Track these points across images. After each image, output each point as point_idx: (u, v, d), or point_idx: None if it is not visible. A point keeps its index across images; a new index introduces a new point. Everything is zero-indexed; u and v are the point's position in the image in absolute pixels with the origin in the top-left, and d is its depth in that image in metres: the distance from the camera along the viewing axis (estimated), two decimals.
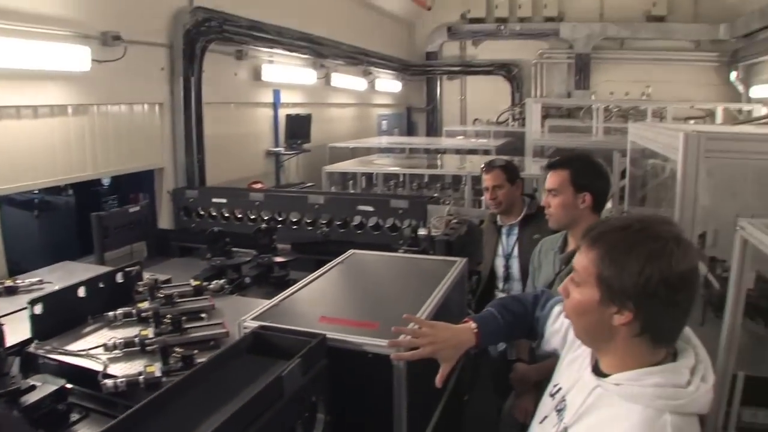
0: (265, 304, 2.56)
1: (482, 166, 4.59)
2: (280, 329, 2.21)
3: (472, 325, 2.18)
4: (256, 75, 9.56)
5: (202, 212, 6.25)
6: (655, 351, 1.63)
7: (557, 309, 2.15)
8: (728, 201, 3.20)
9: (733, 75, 15.14)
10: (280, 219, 5.87)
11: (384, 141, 13.32)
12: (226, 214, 6.08)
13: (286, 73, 10.48)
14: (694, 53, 16.01)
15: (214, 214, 6.15)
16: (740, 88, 15.00)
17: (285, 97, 10.58)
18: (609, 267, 1.60)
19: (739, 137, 3.59)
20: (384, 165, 9.67)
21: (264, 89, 9.95)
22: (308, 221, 5.74)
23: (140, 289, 3.36)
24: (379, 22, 15.56)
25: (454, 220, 4.50)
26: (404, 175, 9.07)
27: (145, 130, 6.95)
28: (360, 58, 13.41)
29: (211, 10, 7.58)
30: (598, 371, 1.72)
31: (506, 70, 17.25)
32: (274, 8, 9.44)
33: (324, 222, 5.64)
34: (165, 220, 6.82)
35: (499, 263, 4.46)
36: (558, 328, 2.10)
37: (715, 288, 3.47)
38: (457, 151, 11.78)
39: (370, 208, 5.38)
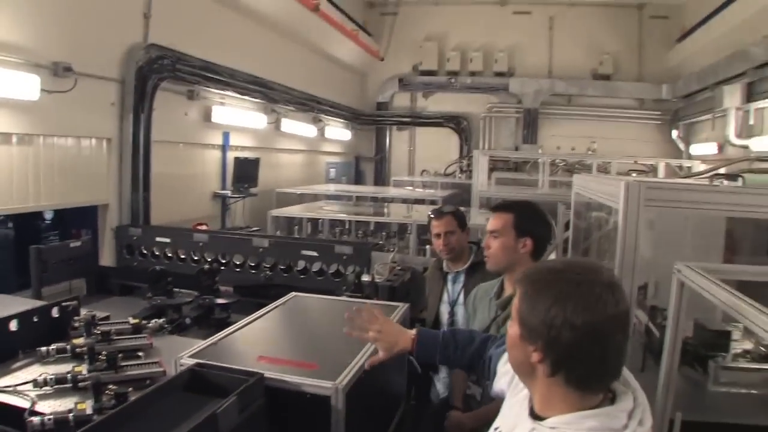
0: (203, 342, 2.51)
1: (430, 213, 4.57)
2: (217, 367, 2.16)
3: (413, 332, 2.38)
4: (207, 116, 9.55)
5: (145, 251, 6.12)
6: (584, 395, 1.60)
7: (501, 361, 2.17)
8: (669, 253, 3.26)
9: (675, 133, 15.90)
10: (223, 261, 5.79)
11: (332, 188, 13.29)
12: (170, 254, 5.98)
13: (237, 115, 10.47)
14: (638, 111, 16.73)
15: (158, 253, 6.03)
16: (681, 145, 15.73)
17: (234, 140, 10.55)
18: (524, 305, 1.63)
19: (678, 187, 3.69)
20: (330, 211, 9.65)
21: (214, 131, 9.93)
22: (252, 264, 5.67)
23: (76, 325, 3.25)
24: (332, 70, 15.71)
25: (398, 267, 4.49)
26: (350, 222, 9.03)
27: (91, 165, 6.89)
28: (311, 105, 13.52)
29: (165, 48, 7.61)
30: (534, 414, 1.70)
31: (455, 122, 17.55)
32: (228, 50, 9.50)
33: (268, 266, 5.58)
34: (107, 258, 6.72)
35: (444, 310, 4.39)
36: (507, 369, 2.07)
37: (656, 336, 3.52)
38: (404, 201, 11.79)
39: (314, 253, 5.34)
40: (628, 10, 16.73)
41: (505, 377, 2.10)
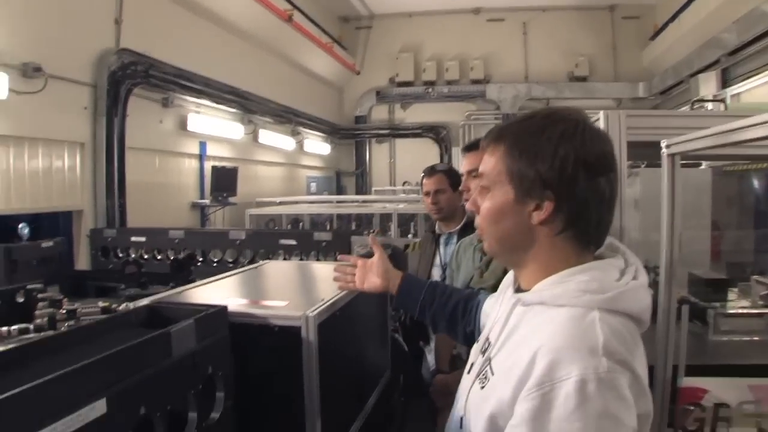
0: (164, 293, 2.42)
1: (423, 171, 4.43)
2: (178, 303, 2.05)
3: (400, 274, 2.23)
4: (182, 124, 9.47)
5: (120, 253, 6.00)
6: (581, 255, 1.47)
7: (490, 296, 2.04)
8: (656, 234, 3.19)
9: None
10: (201, 259, 5.69)
11: (313, 198, 13.21)
12: (146, 256, 5.86)
13: (213, 124, 10.38)
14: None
15: (133, 255, 5.91)
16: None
17: (211, 149, 10.47)
18: (520, 157, 1.45)
19: (659, 114, 3.66)
20: (311, 208, 9.53)
21: (190, 140, 9.84)
22: (230, 260, 5.56)
23: (41, 306, 3.10)
24: (309, 84, 15.67)
25: None
26: (331, 218, 8.90)
27: (64, 170, 6.79)
28: (288, 117, 13.46)
29: (137, 54, 7.58)
30: (520, 291, 1.57)
31: (434, 132, 17.50)
32: (203, 59, 9.47)
33: (246, 260, 5.47)
34: (82, 264, 6.60)
35: (436, 273, 4.22)
36: (488, 310, 1.95)
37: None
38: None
39: (293, 242, 5.22)
40: (600, 13, 16.87)
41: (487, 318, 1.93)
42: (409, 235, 7.01)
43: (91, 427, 1.26)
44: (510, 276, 1.75)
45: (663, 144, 2.65)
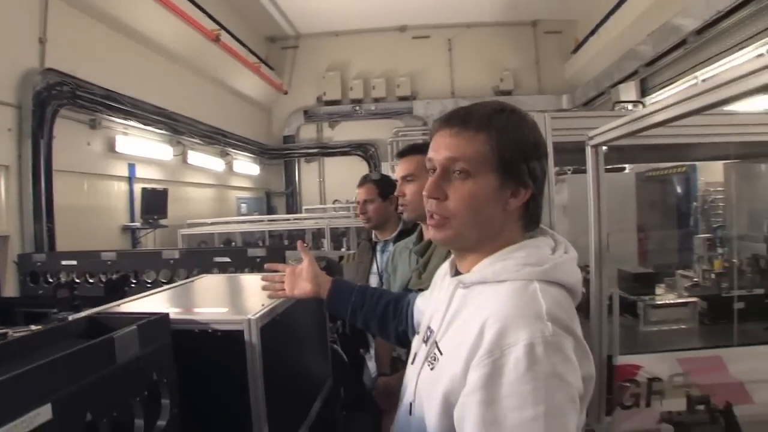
0: (103, 306, 2.39)
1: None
2: (118, 313, 2.05)
3: (330, 279, 2.29)
4: (111, 146, 9.34)
5: (51, 279, 5.88)
6: (525, 237, 1.59)
7: (420, 294, 2.10)
8: (585, 237, 3.28)
9: None
10: (134, 281, 5.61)
11: (245, 218, 13.16)
12: (78, 280, 5.75)
13: (142, 146, 10.26)
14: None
15: (64, 279, 5.80)
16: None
17: (140, 171, 10.34)
18: (512, 147, 1.50)
19: (581, 115, 3.77)
20: (243, 226, 9.49)
21: (119, 162, 9.70)
22: (164, 280, 5.49)
23: None
24: (237, 104, 15.64)
25: None
26: (263, 235, 8.86)
27: None
28: (217, 138, 13.40)
29: (63, 74, 7.46)
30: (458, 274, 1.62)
31: (363, 149, 17.53)
32: (131, 80, 9.41)
33: (181, 280, 5.41)
34: (10, 291, 6.44)
35: (374, 281, 4.19)
36: (422, 307, 2.00)
37: (583, 293, 3.55)
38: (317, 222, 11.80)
39: (227, 259, 5.19)
40: (523, 28, 17.26)
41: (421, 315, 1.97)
42: (343, 249, 7.01)
43: None
44: (443, 267, 1.83)
45: (587, 137, 2.76)
